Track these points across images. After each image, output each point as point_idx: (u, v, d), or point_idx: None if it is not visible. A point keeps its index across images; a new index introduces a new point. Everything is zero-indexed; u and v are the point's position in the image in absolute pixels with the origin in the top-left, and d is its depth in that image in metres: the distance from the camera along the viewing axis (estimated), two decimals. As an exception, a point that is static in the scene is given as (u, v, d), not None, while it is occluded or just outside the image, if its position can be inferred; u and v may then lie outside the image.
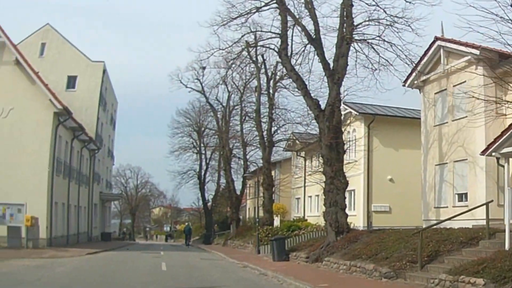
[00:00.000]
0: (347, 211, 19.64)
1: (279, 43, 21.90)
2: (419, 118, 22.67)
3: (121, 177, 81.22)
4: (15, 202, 23.12)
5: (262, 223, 29.84)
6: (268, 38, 24.07)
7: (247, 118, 40.20)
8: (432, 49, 20.33)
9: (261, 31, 23.99)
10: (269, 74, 32.34)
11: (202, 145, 52.35)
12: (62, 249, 24.13)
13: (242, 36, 23.05)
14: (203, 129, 51.10)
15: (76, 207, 33.18)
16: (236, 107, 41.80)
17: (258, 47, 28.23)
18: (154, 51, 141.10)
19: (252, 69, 33.21)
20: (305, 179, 35.10)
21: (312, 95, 21.07)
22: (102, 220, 44.95)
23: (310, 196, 35.10)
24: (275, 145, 33.67)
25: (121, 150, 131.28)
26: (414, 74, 20.87)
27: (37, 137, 25.92)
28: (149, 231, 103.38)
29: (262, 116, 33.18)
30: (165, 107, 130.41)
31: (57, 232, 27.64)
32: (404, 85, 21.78)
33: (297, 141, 36.72)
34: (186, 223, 61.17)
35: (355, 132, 28.08)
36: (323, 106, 20.12)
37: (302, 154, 36.89)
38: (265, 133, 32.41)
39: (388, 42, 19.03)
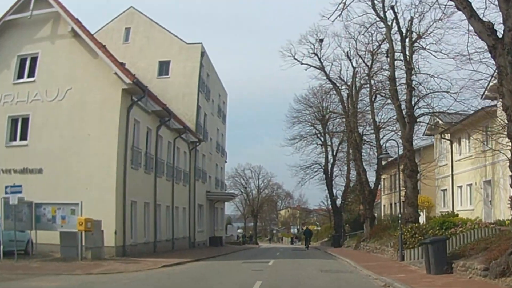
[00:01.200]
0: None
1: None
2: None
3: (241, 177, 76.75)
4: (69, 202, 17.77)
5: (405, 220, 21.59)
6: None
7: (377, 98, 32.09)
8: None
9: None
10: (403, 31, 23.92)
11: (327, 135, 44.87)
12: (132, 260, 18.38)
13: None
14: (326, 116, 43.61)
15: (168, 207, 27.80)
16: (364, 86, 33.80)
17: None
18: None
19: (380, 33, 26.24)
20: (452, 166, 28.40)
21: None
22: (210, 222, 39.53)
23: (460, 186, 27.41)
24: (418, 121, 24.78)
25: (241, 150, 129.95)
26: None
27: (101, 120, 20.68)
28: (276, 233, 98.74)
29: (398, 84, 24.81)
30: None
31: (136, 238, 22.18)
32: None
33: (440, 121, 27.79)
34: (306, 227, 58.08)
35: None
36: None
37: (447, 136, 28.12)
38: (403, 106, 24.01)
39: None
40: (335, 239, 40.20)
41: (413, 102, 23.48)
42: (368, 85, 32.77)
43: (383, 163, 34.98)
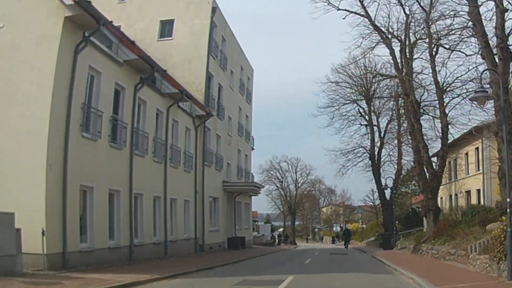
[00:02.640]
0: None
1: None
2: None
3: (276, 170, 69.17)
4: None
5: (499, 210, 13.71)
6: None
7: (440, 51, 24.10)
8: None
9: None
10: None
11: (372, 113, 36.83)
12: (60, 278, 11.33)
13: None
14: (372, 88, 35.60)
15: (158, 199, 20.72)
16: (419, 43, 25.78)
17: None
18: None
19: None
20: None
21: None
22: (230, 220, 32.23)
23: None
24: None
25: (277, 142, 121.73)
26: None
27: (34, 67, 13.78)
28: (318, 232, 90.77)
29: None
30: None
31: (93, 241, 15.12)
32: None
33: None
34: (345, 226, 54.11)
35: None
36: None
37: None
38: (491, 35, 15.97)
39: None
40: (384, 239, 32.31)
41: (506, 30, 15.36)
42: (426, 36, 24.65)
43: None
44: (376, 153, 35.86)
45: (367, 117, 36.14)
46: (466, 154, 31.16)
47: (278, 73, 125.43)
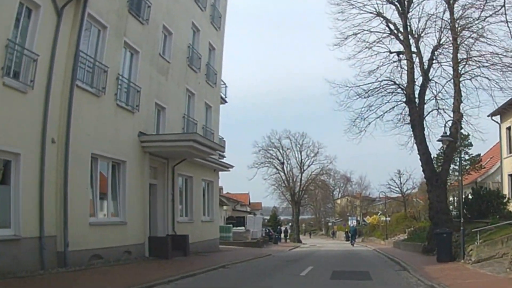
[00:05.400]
0: None
1: None
2: None
3: (276, 149, 55.23)
4: None
5: None
6: None
7: None
8: None
9: None
10: None
11: (409, 35, 22.39)
12: None
13: None
14: None
15: None
16: None
17: None
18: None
19: None
20: None
21: None
22: (163, 206, 18.42)
23: None
24: None
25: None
26: None
27: None
28: (331, 226, 77.44)
29: None
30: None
31: None
32: None
33: None
34: (352, 226, 52.26)
35: None
36: None
37: None
38: None
39: None
40: (440, 241, 17.40)
41: None
42: None
43: None
44: (416, 95, 21.47)
45: (401, 36, 21.68)
46: None
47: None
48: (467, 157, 30.56)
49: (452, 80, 20.76)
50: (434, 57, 21.85)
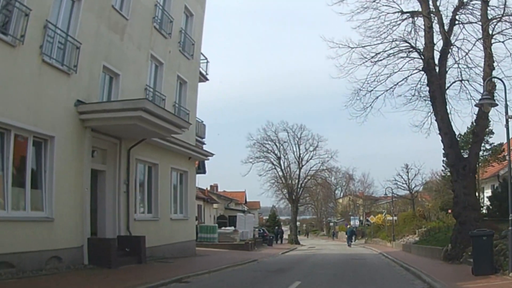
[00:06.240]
0: None
1: None
2: None
3: (273, 143, 51.07)
4: None
5: None
6: None
7: None
8: None
9: None
10: None
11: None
12: None
13: None
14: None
15: None
16: None
17: None
18: None
19: None
20: None
21: None
22: (111, 198, 14.34)
23: None
24: None
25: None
26: None
27: None
28: (333, 226, 73.64)
29: None
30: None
31: None
32: None
33: None
34: (349, 226, 51.51)
35: None
36: None
37: None
38: None
39: None
40: (479, 246, 12.28)
41: None
42: None
43: None
44: (436, 61, 17.23)
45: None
46: None
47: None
48: (487, 146, 26.52)
49: (480, 42, 16.53)
50: (456, 18, 17.68)
